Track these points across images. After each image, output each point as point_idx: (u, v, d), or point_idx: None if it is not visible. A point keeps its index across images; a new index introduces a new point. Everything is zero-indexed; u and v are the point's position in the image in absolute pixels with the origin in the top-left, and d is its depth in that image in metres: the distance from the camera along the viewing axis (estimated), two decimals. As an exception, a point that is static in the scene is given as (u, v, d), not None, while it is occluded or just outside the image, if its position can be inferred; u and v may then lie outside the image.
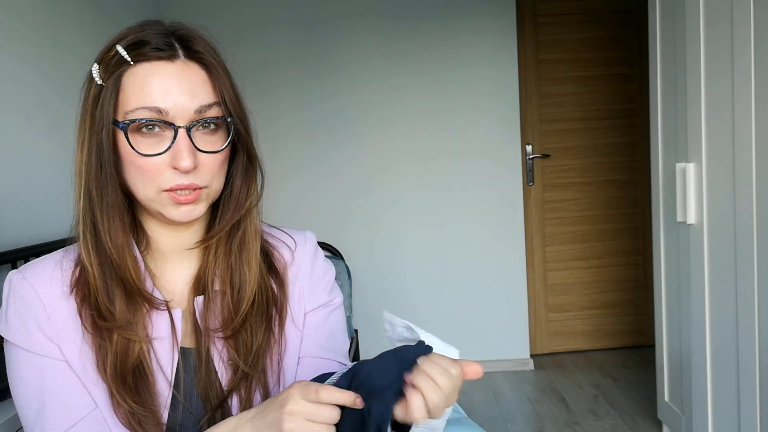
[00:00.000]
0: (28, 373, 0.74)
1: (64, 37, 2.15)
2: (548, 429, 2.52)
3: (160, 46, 0.73)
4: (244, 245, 0.81)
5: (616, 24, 3.32)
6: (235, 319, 0.79)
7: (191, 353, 0.80)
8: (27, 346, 0.74)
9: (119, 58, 0.72)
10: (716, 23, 1.79)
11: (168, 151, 0.72)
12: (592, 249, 3.41)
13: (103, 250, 0.75)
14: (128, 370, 0.73)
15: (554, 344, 3.43)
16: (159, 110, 0.71)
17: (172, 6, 3.02)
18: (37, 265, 0.77)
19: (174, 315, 0.78)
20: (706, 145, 1.90)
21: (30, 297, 0.74)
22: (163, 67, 0.72)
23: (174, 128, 0.72)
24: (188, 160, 0.72)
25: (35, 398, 0.73)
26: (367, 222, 3.21)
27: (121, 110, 0.72)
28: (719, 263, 1.85)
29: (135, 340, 0.74)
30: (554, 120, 3.34)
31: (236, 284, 0.80)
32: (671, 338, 2.26)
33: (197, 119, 0.73)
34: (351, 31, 3.15)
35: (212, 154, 0.75)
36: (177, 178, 0.73)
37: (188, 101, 0.72)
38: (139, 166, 0.73)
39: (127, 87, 0.72)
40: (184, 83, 0.73)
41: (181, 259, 0.82)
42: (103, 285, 0.74)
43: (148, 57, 0.72)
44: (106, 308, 0.74)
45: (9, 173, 1.81)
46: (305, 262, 0.89)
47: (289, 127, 3.14)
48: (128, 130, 0.72)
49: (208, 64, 0.75)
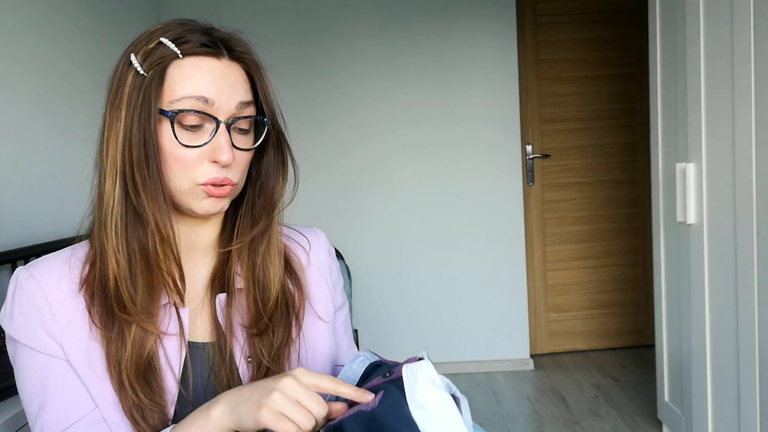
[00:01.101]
0: (31, 370, 0.74)
1: (64, 37, 2.15)
2: (548, 429, 2.52)
3: (207, 42, 0.75)
4: (270, 244, 0.83)
5: (616, 24, 3.32)
6: (264, 316, 0.80)
7: (205, 348, 0.81)
8: (31, 344, 0.74)
9: (164, 50, 0.74)
10: (716, 23, 1.79)
11: (207, 144, 0.75)
12: (592, 249, 3.41)
13: (135, 237, 0.75)
14: (144, 362, 0.74)
15: (554, 344, 3.43)
16: (205, 99, 0.74)
17: (172, 8, 3.02)
18: (44, 263, 0.77)
19: (182, 313, 0.79)
20: (706, 145, 1.90)
21: (36, 295, 0.75)
22: (209, 63, 0.75)
23: (216, 122, 0.75)
24: (228, 155, 0.74)
25: (37, 395, 0.74)
26: (367, 222, 3.21)
27: (165, 100, 0.74)
28: (719, 263, 1.85)
29: (152, 333, 0.75)
30: (554, 120, 3.34)
31: (261, 282, 0.82)
32: (671, 338, 2.26)
33: (237, 116, 0.76)
34: (351, 31, 3.15)
35: (244, 153, 0.78)
36: (213, 172, 0.75)
37: (231, 96, 0.75)
38: (177, 157, 0.74)
39: (172, 78, 0.74)
40: (229, 80, 0.76)
41: (196, 257, 0.83)
42: (128, 274, 0.74)
43: (196, 52, 0.75)
44: (129, 298, 0.74)
45: (9, 173, 1.81)
46: (321, 262, 0.91)
47: (288, 128, 3.13)
48: (174, 120, 0.74)
49: (250, 65, 0.79)
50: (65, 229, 2.00)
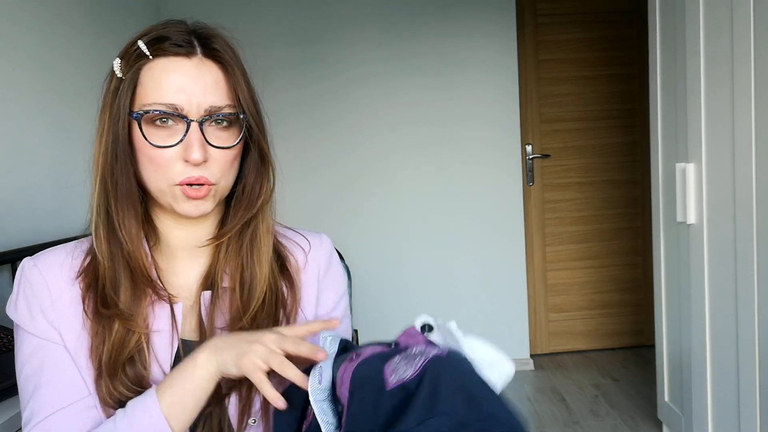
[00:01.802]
0: (29, 353, 0.76)
1: (64, 38, 2.15)
2: (548, 429, 2.52)
3: (179, 42, 0.75)
4: (255, 243, 0.83)
5: (616, 24, 3.32)
6: (243, 317, 0.80)
7: (193, 346, 0.81)
8: (31, 329, 0.76)
9: (139, 53, 0.75)
10: (716, 24, 1.79)
11: (180, 143, 0.74)
12: (592, 249, 3.41)
13: (115, 239, 0.77)
14: (123, 359, 0.75)
15: (554, 344, 3.43)
16: (174, 106, 0.74)
17: (172, 9, 3.02)
18: (49, 254, 0.80)
19: (175, 308, 0.79)
20: (706, 145, 1.90)
21: (37, 283, 0.77)
22: (179, 63, 0.75)
23: (186, 121, 0.74)
24: (199, 153, 0.74)
25: (34, 377, 0.75)
26: (367, 222, 3.21)
27: (137, 103, 0.75)
28: (719, 263, 1.85)
29: (134, 331, 0.76)
30: (554, 120, 3.34)
31: (246, 282, 0.81)
32: (671, 338, 2.26)
33: (210, 114, 0.75)
34: (352, 32, 3.15)
35: (223, 150, 0.76)
36: (187, 171, 0.75)
37: (201, 98, 0.75)
38: (152, 158, 0.75)
39: (144, 81, 0.74)
40: (199, 80, 0.75)
41: (192, 255, 0.84)
42: (112, 274, 0.76)
43: (166, 52, 0.74)
44: (111, 297, 0.76)
45: (9, 173, 1.81)
46: (318, 264, 0.90)
47: (289, 129, 3.14)
48: (142, 121, 0.74)
49: (225, 63, 0.77)
50: (65, 229, 2.00)
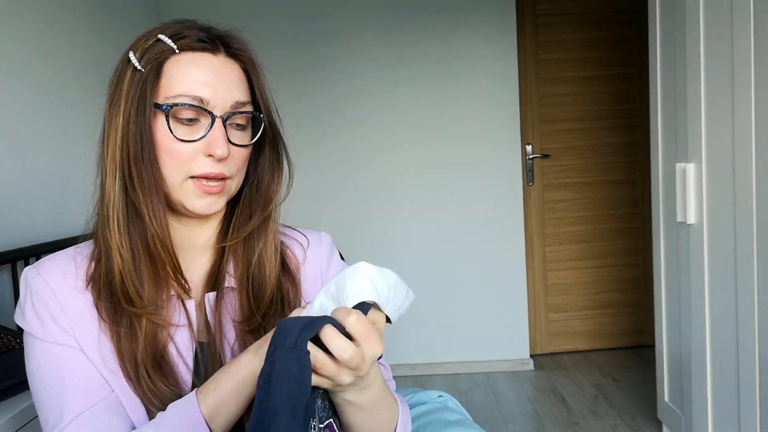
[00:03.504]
0: (46, 360, 0.75)
1: (63, 38, 2.15)
2: (548, 429, 2.52)
3: (204, 38, 0.76)
4: (267, 242, 0.83)
5: (616, 24, 3.32)
6: (257, 314, 0.81)
7: (204, 346, 0.82)
8: (43, 336, 0.75)
9: (162, 46, 0.75)
10: (716, 23, 1.79)
11: (203, 138, 0.75)
12: (592, 249, 3.41)
13: (137, 231, 0.76)
14: (159, 354, 0.76)
15: (554, 344, 3.43)
16: (201, 99, 0.75)
17: (172, 9, 3.02)
18: (50, 261, 0.79)
19: (188, 305, 0.80)
20: (706, 145, 1.90)
21: (44, 291, 0.76)
22: (206, 59, 0.76)
23: (212, 116, 0.75)
24: (224, 148, 0.75)
25: (54, 381, 0.74)
26: (367, 222, 3.21)
27: (161, 95, 0.75)
28: (719, 263, 1.85)
29: (163, 326, 0.76)
30: (554, 120, 3.34)
31: (256, 280, 0.82)
32: (671, 338, 2.26)
33: (233, 111, 0.77)
34: (352, 32, 3.15)
35: (241, 149, 0.78)
36: (208, 166, 0.76)
37: (227, 94, 0.76)
38: (172, 151, 0.75)
39: (169, 73, 0.75)
40: (225, 77, 0.77)
41: (193, 255, 0.84)
42: (133, 269, 0.75)
43: (192, 47, 0.76)
44: (135, 292, 0.75)
45: (9, 173, 1.81)
46: (320, 260, 0.90)
47: (288, 129, 3.13)
48: (169, 114, 0.74)
49: (246, 63, 0.80)
50: (65, 229, 2.00)
